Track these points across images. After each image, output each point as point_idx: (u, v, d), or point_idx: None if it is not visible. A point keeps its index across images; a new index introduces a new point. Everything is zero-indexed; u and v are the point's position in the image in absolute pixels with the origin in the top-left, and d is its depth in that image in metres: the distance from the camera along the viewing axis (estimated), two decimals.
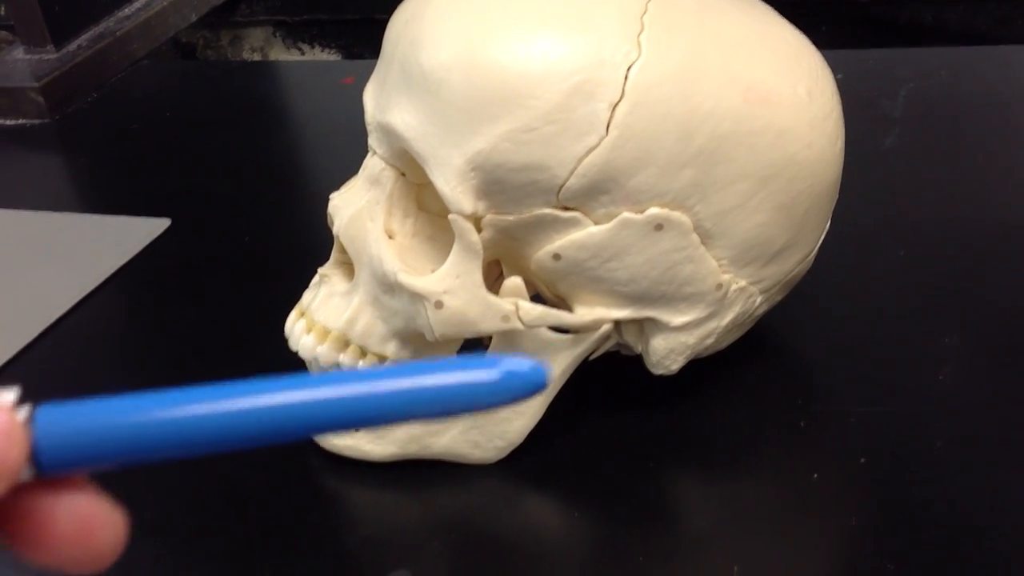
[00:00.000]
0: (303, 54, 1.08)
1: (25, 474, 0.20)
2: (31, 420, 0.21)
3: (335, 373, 0.21)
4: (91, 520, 0.21)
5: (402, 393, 0.21)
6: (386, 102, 0.40)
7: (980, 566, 0.37)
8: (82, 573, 0.21)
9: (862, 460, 0.41)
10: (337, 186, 0.43)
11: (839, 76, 0.42)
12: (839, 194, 0.43)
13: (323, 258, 0.44)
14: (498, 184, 0.37)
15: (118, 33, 0.88)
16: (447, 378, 0.21)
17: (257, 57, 1.09)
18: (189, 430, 0.21)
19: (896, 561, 0.37)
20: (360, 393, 0.21)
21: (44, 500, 0.21)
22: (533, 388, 0.21)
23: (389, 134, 0.40)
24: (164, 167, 0.72)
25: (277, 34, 1.08)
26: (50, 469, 0.21)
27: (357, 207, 0.41)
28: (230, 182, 0.69)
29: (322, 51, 1.07)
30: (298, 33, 1.07)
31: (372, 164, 0.41)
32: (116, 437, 0.21)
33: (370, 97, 0.42)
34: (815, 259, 0.44)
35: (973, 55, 0.75)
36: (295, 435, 0.21)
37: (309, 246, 0.55)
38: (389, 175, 0.41)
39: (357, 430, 0.42)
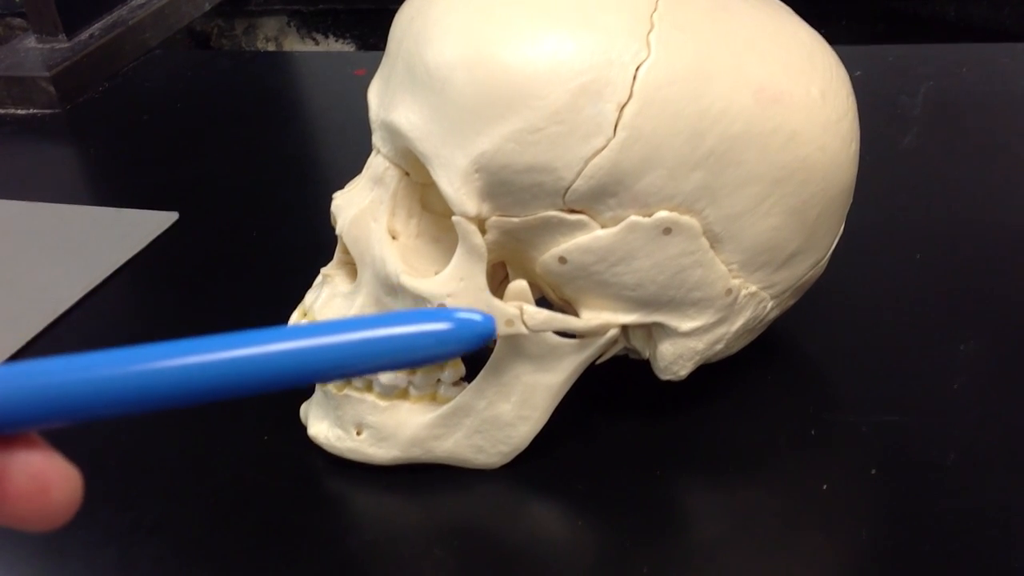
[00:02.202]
0: (317, 44, 1.07)
1: None
2: None
3: (293, 327, 0.21)
4: (46, 477, 0.21)
5: (360, 344, 0.21)
6: (390, 100, 0.39)
7: None
8: (38, 530, 0.21)
9: (873, 471, 0.41)
10: (348, 181, 0.43)
11: (857, 73, 0.41)
12: (854, 195, 0.42)
13: (332, 254, 0.43)
14: (503, 186, 0.36)
15: (130, 22, 0.87)
16: (404, 329, 0.22)
17: (271, 47, 1.09)
18: (138, 386, 0.21)
19: (906, 575, 0.36)
20: (318, 345, 0.21)
21: None
22: (483, 337, 0.22)
23: (393, 133, 0.39)
24: (174, 159, 0.72)
25: (291, 24, 1.07)
26: (2, 428, 0.21)
27: (360, 207, 0.40)
28: (240, 175, 0.69)
29: (336, 41, 1.07)
30: (313, 23, 1.07)
31: (376, 163, 0.41)
32: (67, 394, 0.21)
33: (374, 95, 0.41)
34: (828, 263, 0.43)
35: (996, 52, 0.73)
36: (253, 389, 0.21)
37: (318, 241, 0.54)
38: (393, 175, 0.40)
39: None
